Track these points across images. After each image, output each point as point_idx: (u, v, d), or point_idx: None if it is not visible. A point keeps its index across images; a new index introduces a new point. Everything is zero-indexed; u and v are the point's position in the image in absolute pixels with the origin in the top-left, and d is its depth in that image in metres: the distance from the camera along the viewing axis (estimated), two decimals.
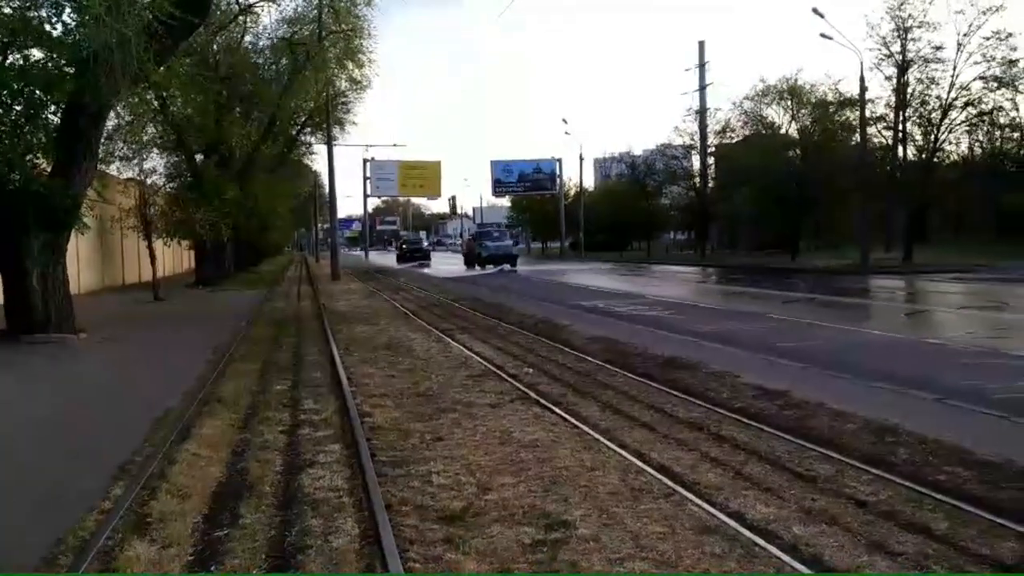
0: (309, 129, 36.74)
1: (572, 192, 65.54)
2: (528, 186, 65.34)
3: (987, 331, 12.40)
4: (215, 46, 25.61)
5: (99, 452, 5.87)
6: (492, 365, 9.64)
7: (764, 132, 44.52)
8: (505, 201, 77.19)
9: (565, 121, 71.01)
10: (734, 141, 46.89)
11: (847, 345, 11.19)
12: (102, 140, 15.31)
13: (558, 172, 63.69)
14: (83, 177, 12.85)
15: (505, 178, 65.32)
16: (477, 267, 40.55)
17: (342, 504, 4.73)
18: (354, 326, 14.21)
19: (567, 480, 5.09)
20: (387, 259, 65.90)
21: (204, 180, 24.74)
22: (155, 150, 25.84)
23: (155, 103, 19.43)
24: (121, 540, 4.14)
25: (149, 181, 22.80)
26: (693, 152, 51.46)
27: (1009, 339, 11.43)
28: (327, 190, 41.71)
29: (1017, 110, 38.50)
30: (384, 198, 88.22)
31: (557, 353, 10.64)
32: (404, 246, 63.31)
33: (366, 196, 63.68)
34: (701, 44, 50.42)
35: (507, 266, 38.85)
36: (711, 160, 50.15)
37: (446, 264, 50.20)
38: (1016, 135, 41.29)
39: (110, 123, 16.95)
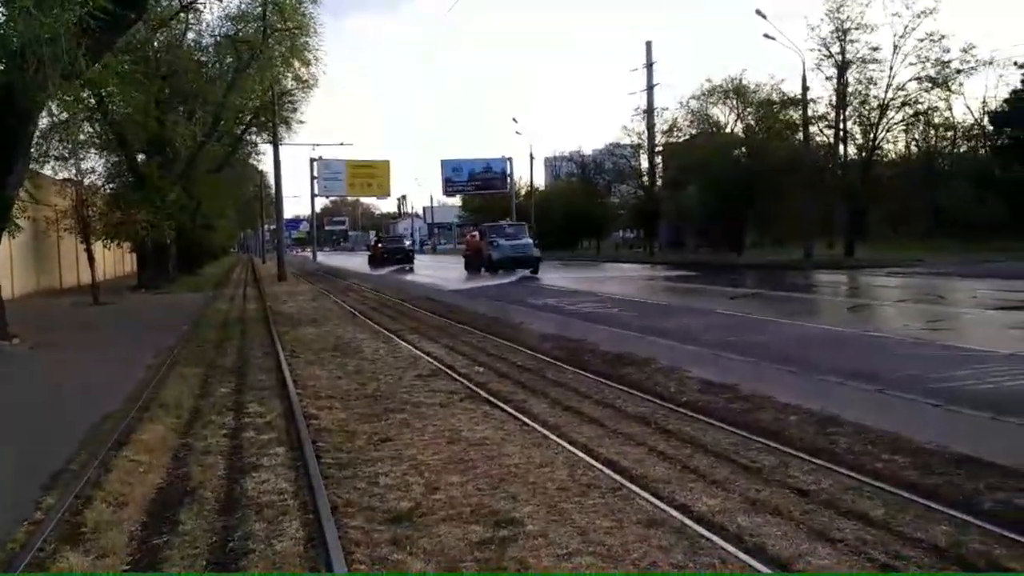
0: (255, 128, 36.04)
1: (523, 191, 65.71)
2: (479, 185, 65.25)
3: (924, 323, 12.76)
4: (156, 43, 24.96)
5: (30, 461, 5.64)
6: (442, 364, 9.59)
7: (710, 131, 45.33)
8: (456, 200, 77.04)
9: (515, 120, 71.61)
10: (681, 140, 47.62)
11: (792, 339, 11.40)
12: (35, 139, 14.79)
13: (509, 171, 63.72)
14: (14, 177, 12.39)
15: (456, 177, 65.12)
16: (485, 273, 30.72)
17: (287, 507, 4.64)
18: (300, 328, 14.00)
19: (516, 477, 5.08)
20: (340, 260, 65.06)
21: (145, 181, 24.11)
22: (93, 150, 25.08)
23: (91, 101, 18.82)
24: (53, 551, 3.99)
25: (87, 182, 22.13)
26: (641, 151, 52.11)
27: (945, 331, 11.79)
28: (273, 190, 41.03)
29: (951, 110, 40.02)
30: (332, 198, 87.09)
31: (508, 351, 10.64)
32: (380, 245, 50.21)
33: (313, 196, 62.72)
34: (648, 44, 50.96)
35: (527, 272, 29.07)
36: (659, 159, 50.81)
37: (432, 269, 40.57)
38: (950, 134, 42.83)
39: (44, 122, 16.39)
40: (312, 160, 59.46)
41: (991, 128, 42.04)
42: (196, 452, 5.93)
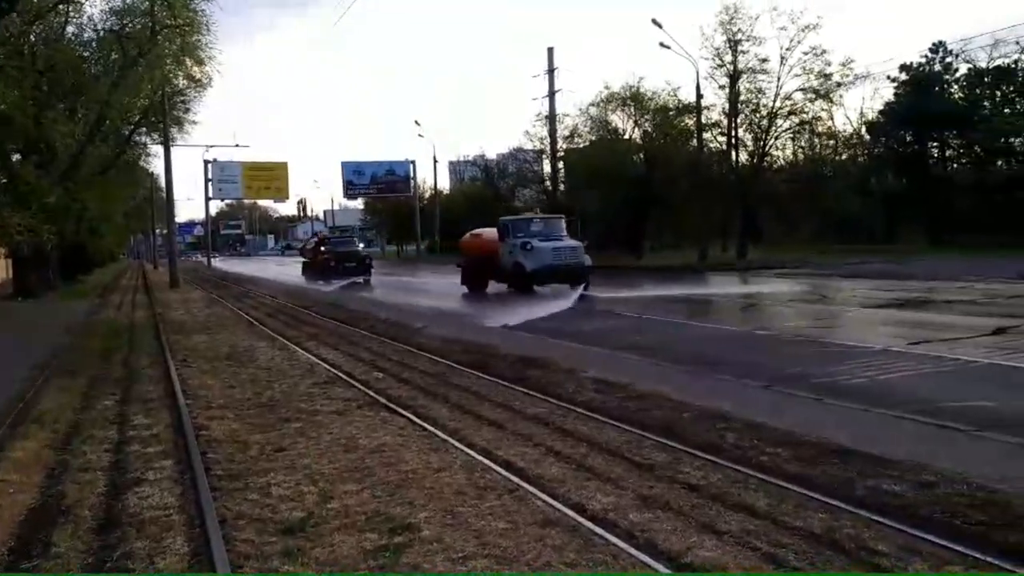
0: (144, 128, 34.46)
1: (427, 194, 65.39)
2: (381, 188, 64.51)
3: (809, 321, 13.42)
4: (32, 36, 23.53)
5: None
6: (340, 372, 9.42)
7: (609, 137, 46.25)
8: (358, 203, 75.94)
9: (418, 123, 70.90)
10: (582, 146, 48.40)
11: (686, 338, 11.79)
12: None
13: (412, 174, 63.33)
14: None
15: (357, 180, 64.17)
16: (505, 290, 21.54)
17: (171, 523, 4.45)
18: (193, 336, 13.48)
19: (413, 483, 5.04)
20: (239, 266, 63.00)
21: (20, 182, 22.65)
22: None
23: None
24: None
25: None
26: (544, 156, 52.67)
27: (827, 328, 12.44)
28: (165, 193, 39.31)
29: (832, 120, 42.31)
30: (228, 201, 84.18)
31: (409, 356, 10.55)
32: (326, 249, 33.89)
33: (208, 199, 60.61)
34: (550, 51, 51.39)
35: (578, 290, 19.60)
36: (561, 164, 51.48)
37: (395, 283, 30.32)
38: (832, 143, 45.24)
39: None
40: (206, 162, 57.47)
41: (868, 138, 44.68)
42: (73, 469, 5.61)
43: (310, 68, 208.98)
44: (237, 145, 55.70)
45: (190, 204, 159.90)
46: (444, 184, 74.83)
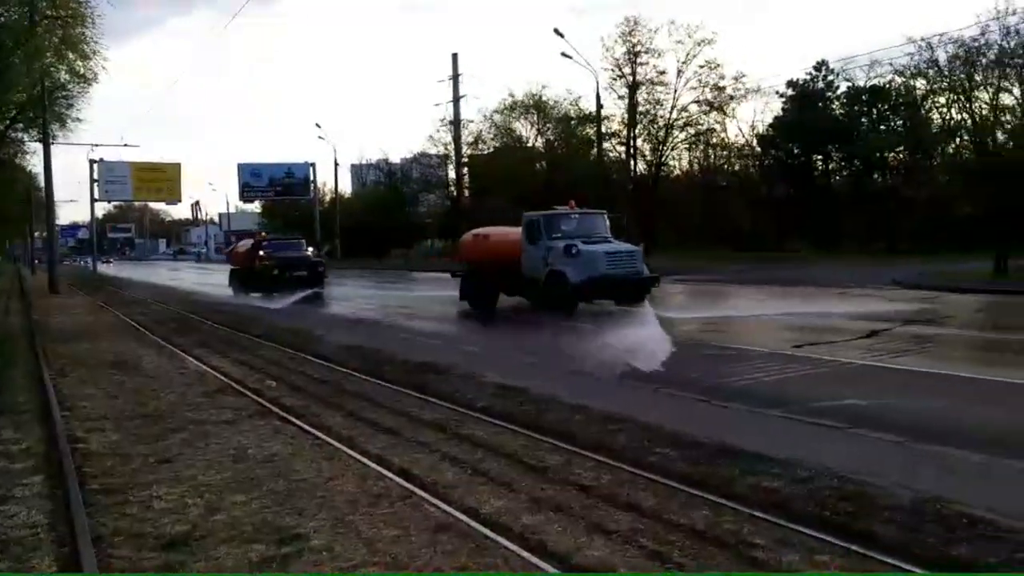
0: (22, 124, 32.51)
1: (327, 198, 64.15)
2: (280, 191, 62.70)
3: (700, 327, 13.87)
4: None
5: None
6: (231, 380, 9.11)
7: (513, 144, 46.75)
8: (255, 207, 73.79)
9: (319, 125, 69.70)
10: (486, 152, 48.70)
11: (583, 343, 11.94)
12: None
13: (312, 177, 61.92)
14: None
15: (255, 182, 62.16)
16: (532, 309, 17.05)
17: (39, 542, 4.21)
18: (73, 344, 12.76)
19: (304, 492, 4.93)
20: (128, 271, 60.09)
21: None
22: None
23: None
24: None
25: None
26: (448, 162, 52.64)
27: (720, 332, 12.90)
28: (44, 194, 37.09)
29: (726, 132, 44.17)
30: (117, 203, 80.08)
31: (306, 364, 10.32)
32: (265, 254, 25.48)
33: (93, 201, 57.52)
34: (455, 56, 51.48)
35: (648, 310, 12.10)
36: (465, 170, 51.61)
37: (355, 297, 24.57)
38: (725, 153, 47.20)
39: None
40: (92, 161, 54.56)
41: (759, 149, 46.79)
42: None
43: (205, 67, 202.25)
44: (126, 145, 52.98)
45: (75, 206, 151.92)
46: (346, 188, 73.82)
